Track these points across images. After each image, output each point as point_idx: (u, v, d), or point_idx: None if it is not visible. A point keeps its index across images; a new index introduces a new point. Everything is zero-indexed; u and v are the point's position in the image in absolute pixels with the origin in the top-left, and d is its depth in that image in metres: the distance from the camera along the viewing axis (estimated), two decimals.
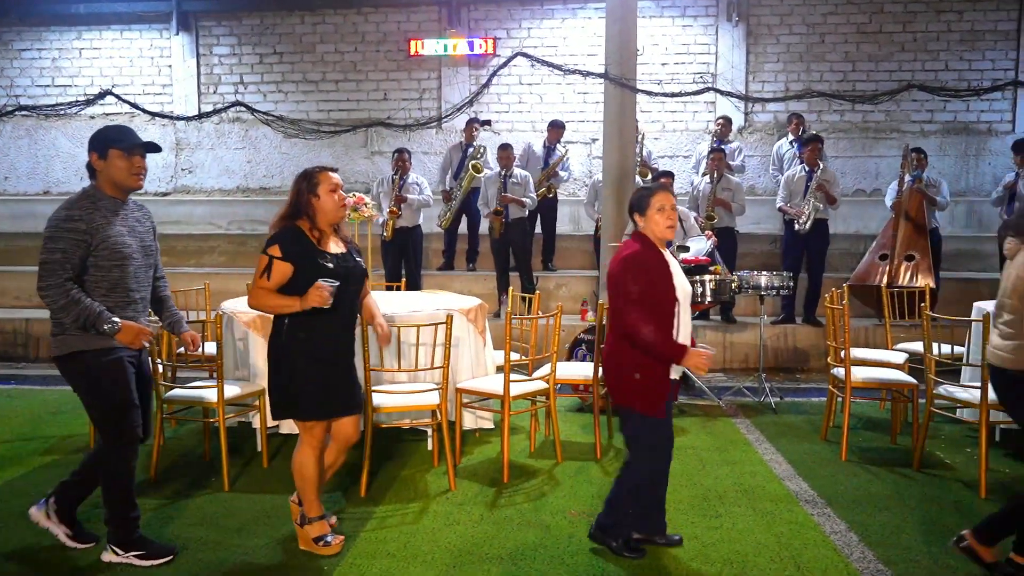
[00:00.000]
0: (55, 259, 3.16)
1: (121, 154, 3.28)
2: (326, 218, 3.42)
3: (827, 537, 3.71)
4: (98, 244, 3.21)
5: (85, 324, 3.20)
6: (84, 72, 11.19)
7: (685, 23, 10.45)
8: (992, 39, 10.14)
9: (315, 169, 3.49)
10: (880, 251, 7.97)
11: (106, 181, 3.31)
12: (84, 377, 3.30)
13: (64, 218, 3.19)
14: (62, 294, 3.16)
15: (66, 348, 3.27)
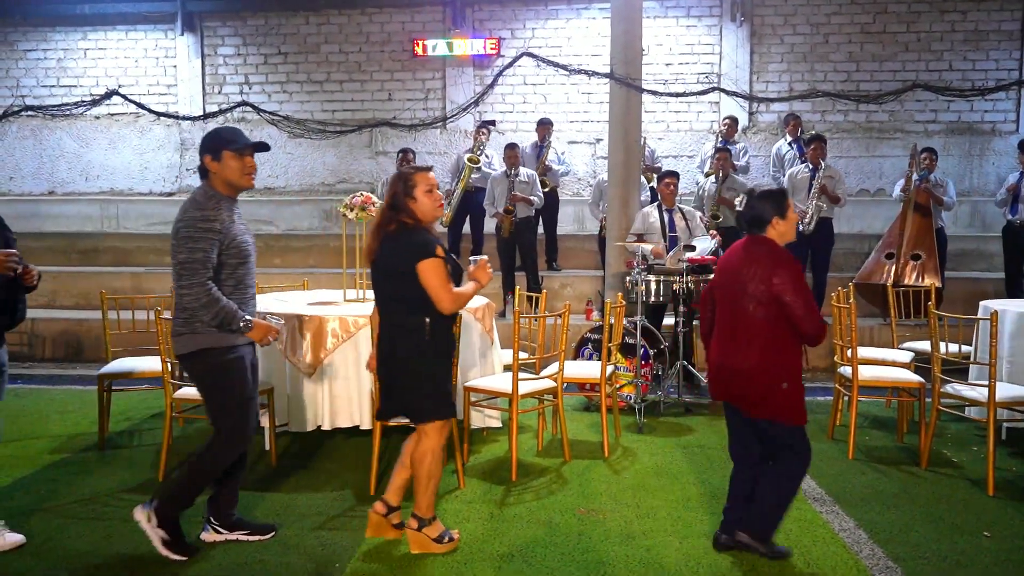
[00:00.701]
0: (197, 258, 3.24)
1: (234, 155, 3.36)
2: (425, 218, 3.42)
3: (836, 534, 3.73)
4: (228, 243, 3.31)
5: (223, 322, 3.29)
6: (89, 72, 11.22)
7: (689, 23, 10.46)
8: (996, 39, 10.15)
9: (410, 170, 3.48)
10: (886, 250, 7.98)
11: (220, 182, 3.38)
12: (211, 374, 3.38)
13: (200, 218, 3.27)
14: (204, 292, 3.24)
15: (193, 345, 3.34)
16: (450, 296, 3.35)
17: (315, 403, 4.75)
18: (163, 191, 11.23)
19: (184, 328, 3.35)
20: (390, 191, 3.48)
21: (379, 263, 3.45)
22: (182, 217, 3.31)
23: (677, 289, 6.02)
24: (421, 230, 3.41)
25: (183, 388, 4.50)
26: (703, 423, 5.66)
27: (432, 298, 3.33)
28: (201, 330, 3.31)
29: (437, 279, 3.32)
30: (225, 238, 3.30)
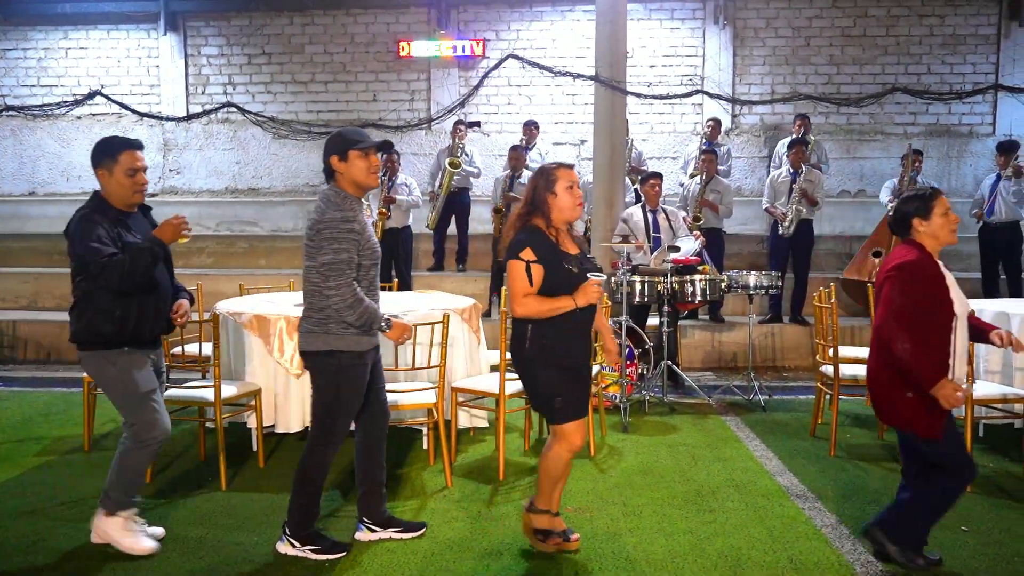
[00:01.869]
0: (343, 259, 3.24)
1: (360, 154, 3.34)
2: (562, 216, 3.36)
3: (819, 530, 3.79)
4: (364, 244, 3.32)
5: (367, 322, 3.29)
6: (71, 72, 11.14)
7: (673, 26, 10.55)
8: (973, 43, 10.32)
9: (552, 166, 3.42)
10: (874, 247, 8.08)
11: (347, 182, 3.36)
12: (333, 375, 3.36)
13: (342, 219, 3.26)
14: (351, 293, 3.25)
15: (324, 345, 3.33)
16: (520, 302, 3.27)
17: (302, 404, 4.75)
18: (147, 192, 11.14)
19: (317, 327, 3.34)
20: (530, 186, 3.41)
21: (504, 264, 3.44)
22: (320, 218, 3.28)
23: (661, 290, 6.07)
24: (532, 230, 3.32)
25: (168, 390, 4.50)
26: (687, 422, 5.72)
27: (509, 298, 3.32)
28: (335, 331, 3.31)
29: (514, 281, 3.27)
30: (361, 238, 3.29)
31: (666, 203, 7.08)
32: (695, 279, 6.06)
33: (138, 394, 3.42)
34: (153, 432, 3.44)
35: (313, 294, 3.34)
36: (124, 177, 3.41)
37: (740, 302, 8.18)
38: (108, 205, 3.42)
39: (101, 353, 3.40)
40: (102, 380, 3.47)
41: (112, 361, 3.41)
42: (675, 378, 6.45)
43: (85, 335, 3.40)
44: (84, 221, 3.34)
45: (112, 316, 3.35)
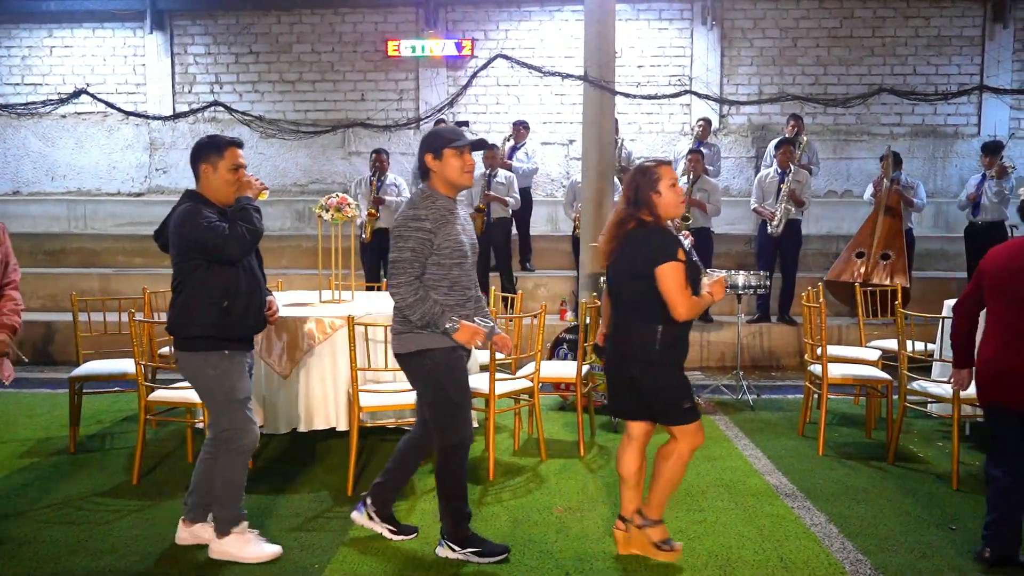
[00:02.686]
0: (405, 257, 3.21)
1: (455, 153, 3.30)
2: (667, 213, 3.29)
3: (808, 529, 3.81)
4: (440, 243, 3.25)
5: (428, 322, 3.24)
6: (55, 70, 11.04)
7: (661, 26, 10.58)
8: (958, 44, 10.40)
9: (652, 164, 3.34)
10: (857, 248, 8.13)
11: (441, 181, 3.33)
12: (430, 374, 3.33)
13: (411, 217, 3.24)
14: (412, 291, 3.21)
15: (412, 346, 3.31)
16: (687, 303, 3.19)
17: (291, 405, 4.73)
18: (132, 191, 11.09)
19: (403, 327, 3.32)
20: (629, 185, 3.33)
21: (616, 264, 3.34)
22: (397, 216, 3.30)
23: None
24: (661, 229, 3.26)
25: (157, 391, 4.47)
26: None
27: (668, 303, 3.19)
28: (417, 330, 3.28)
29: (675, 284, 3.17)
30: (436, 238, 3.23)
31: None
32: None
33: (235, 400, 3.41)
34: (246, 439, 3.42)
35: None
36: (228, 172, 3.40)
37: (728, 302, 8.20)
38: (206, 201, 3.41)
39: (201, 355, 3.38)
40: (199, 382, 3.45)
41: (212, 364, 3.38)
42: None
43: (187, 328, 3.36)
44: (188, 212, 3.33)
45: (220, 306, 3.33)
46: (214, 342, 3.36)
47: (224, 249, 3.28)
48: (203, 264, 3.34)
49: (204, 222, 3.28)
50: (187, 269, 3.36)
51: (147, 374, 4.60)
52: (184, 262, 3.37)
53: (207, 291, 3.34)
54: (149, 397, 4.41)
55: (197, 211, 3.33)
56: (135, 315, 4.38)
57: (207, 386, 3.43)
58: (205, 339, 3.35)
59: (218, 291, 3.34)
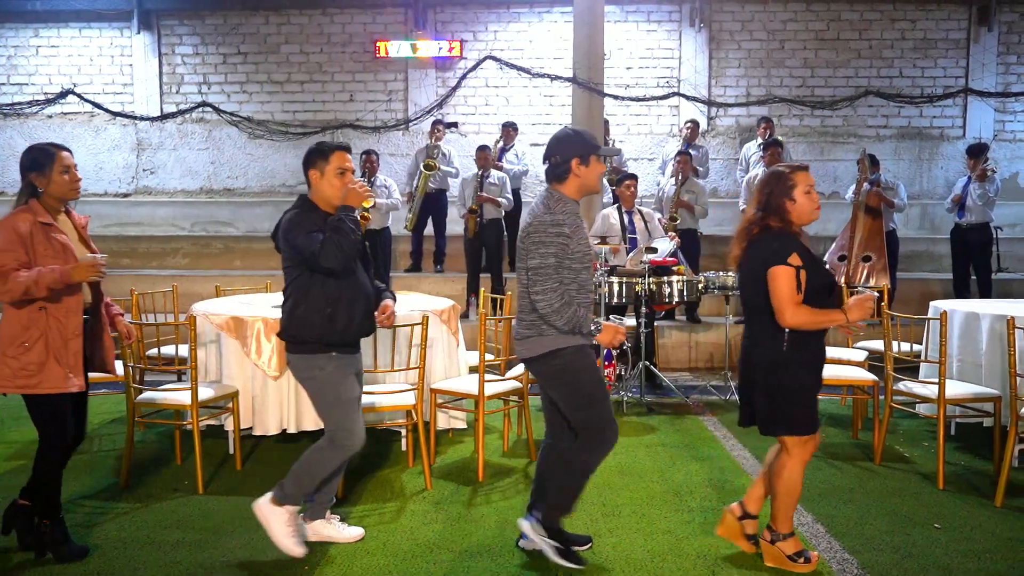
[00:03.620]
0: (549, 264, 3.20)
1: (598, 160, 3.30)
2: (801, 220, 3.23)
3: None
4: (574, 248, 3.25)
5: (575, 326, 3.23)
6: (41, 70, 10.98)
7: (650, 28, 10.62)
8: (944, 47, 10.50)
9: (786, 169, 3.28)
10: (839, 252, 8.20)
11: (578, 186, 3.31)
12: (565, 372, 3.31)
13: (551, 223, 3.21)
14: (558, 297, 3.19)
15: (543, 348, 3.29)
16: (794, 310, 3.11)
17: (280, 406, 4.72)
18: (119, 192, 11.03)
19: (531, 331, 3.31)
20: (763, 190, 3.27)
21: (742, 267, 3.32)
22: (532, 221, 3.27)
23: (639, 291, 6.11)
24: (784, 235, 3.19)
25: (145, 393, 4.45)
26: (665, 422, 5.76)
27: (775, 308, 3.15)
28: (548, 333, 3.27)
29: (783, 288, 3.12)
30: (572, 242, 3.23)
31: (642, 204, 7.13)
32: (672, 280, 6.10)
33: (341, 401, 3.43)
34: (351, 439, 3.43)
35: (524, 296, 3.32)
36: (335, 177, 3.40)
37: (717, 302, 8.25)
38: (315, 207, 3.44)
39: (310, 357, 3.41)
40: (309, 384, 3.47)
41: (320, 366, 3.40)
42: (653, 379, 6.49)
43: (297, 333, 3.40)
44: (293, 219, 3.38)
45: (324, 314, 3.36)
46: (322, 346, 3.39)
47: (318, 260, 3.27)
48: (306, 272, 3.37)
49: (301, 232, 3.31)
50: (293, 275, 3.42)
51: (135, 376, 4.58)
52: (291, 268, 3.43)
53: (312, 298, 3.37)
54: (137, 399, 4.39)
55: (301, 219, 3.36)
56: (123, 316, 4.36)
57: (316, 387, 3.45)
58: (313, 343, 3.38)
59: (321, 299, 3.36)
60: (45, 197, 3.41)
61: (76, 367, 3.37)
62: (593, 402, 3.34)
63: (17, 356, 3.29)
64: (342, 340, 3.44)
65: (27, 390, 3.32)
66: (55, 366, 3.31)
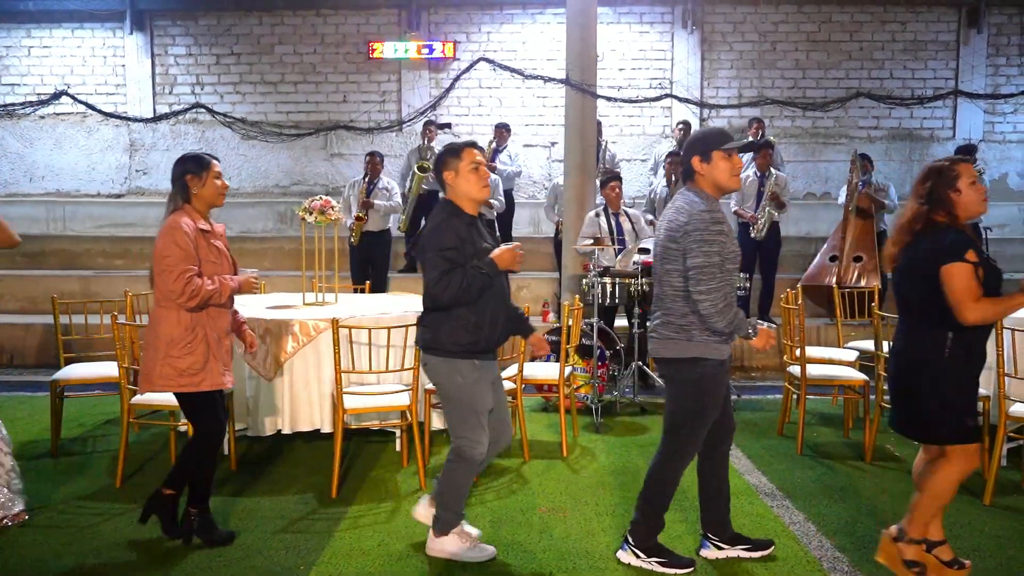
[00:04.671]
0: (713, 262, 3.11)
1: (724, 155, 3.22)
2: (968, 213, 3.09)
3: (787, 528, 3.87)
4: (729, 247, 3.17)
5: (736, 328, 3.17)
6: (33, 71, 10.94)
7: (642, 29, 10.66)
8: (934, 49, 10.57)
9: (948, 162, 3.14)
10: (830, 252, 8.25)
11: (708, 183, 3.25)
12: (696, 383, 3.26)
13: (711, 220, 3.13)
14: (721, 298, 3.12)
15: (686, 352, 3.23)
16: (973, 306, 2.95)
17: (275, 407, 4.75)
18: (112, 192, 11.01)
19: (678, 334, 3.23)
20: (923, 184, 3.12)
21: (903, 266, 3.16)
22: (688, 220, 3.15)
23: (632, 291, 6.14)
24: (952, 229, 3.06)
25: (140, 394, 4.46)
26: (658, 422, 5.75)
27: (953, 307, 2.97)
28: (698, 338, 3.20)
29: (961, 285, 2.95)
30: (728, 241, 3.16)
31: (634, 205, 7.16)
32: None
33: (475, 410, 3.38)
34: (477, 450, 3.39)
35: (674, 299, 3.23)
36: (470, 173, 3.36)
37: None
38: (459, 210, 3.38)
39: (453, 361, 3.34)
40: (446, 388, 3.41)
41: (462, 372, 3.34)
42: (645, 378, 6.52)
43: (441, 343, 3.34)
44: (438, 229, 3.30)
45: (469, 325, 3.30)
46: (466, 353, 3.34)
47: (436, 287, 3.23)
48: None
49: (439, 250, 3.24)
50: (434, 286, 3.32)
51: (130, 377, 4.58)
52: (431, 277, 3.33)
53: (457, 310, 3.30)
54: (132, 400, 4.40)
55: (446, 230, 3.28)
56: (118, 318, 4.37)
57: (455, 394, 3.39)
58: (461, 347, 3.33)
59: (466, 310, 3.30)
60: (195, 201, 3.50)
61: (228, 363, 3.55)
62: (699, 419, 3.29)
63: (182, 356, 3.41)
64: (485, 348, 3.39)
65: (189, 388, 3.45)
66: (215, 364, 3.45)
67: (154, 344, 3.45)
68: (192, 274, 3.37)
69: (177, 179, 3.49)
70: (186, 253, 3.38)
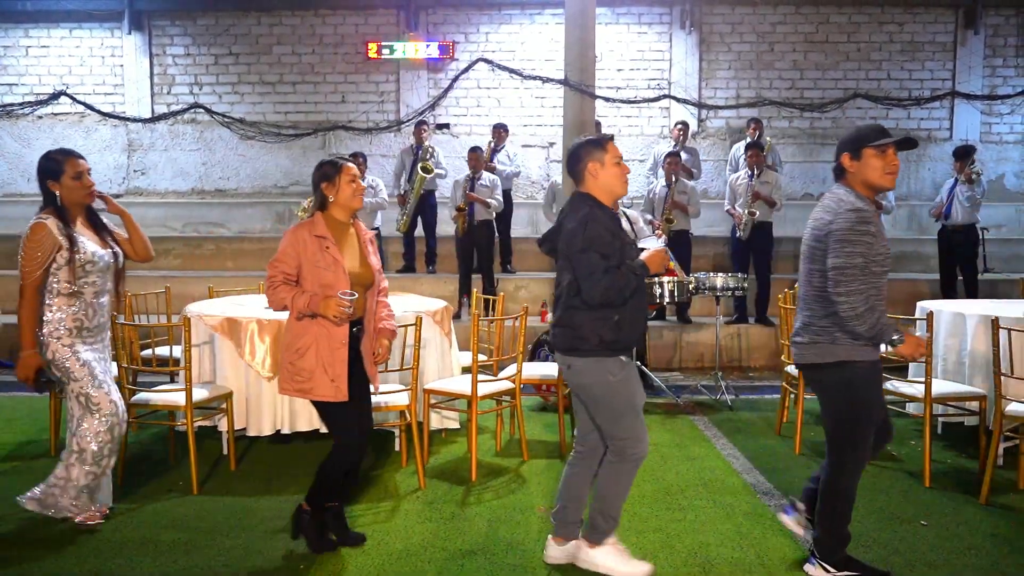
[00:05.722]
0: (855, 264, 3.01)
1: (876, 152, 3.12)
2: None
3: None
4: (878, 250, 3.07)
5: (878, 334, 3.05)
6: (31, 71, 10.94)
7: (640, 30, 10.68)
8: (931, 50, 10.60)
9: None
10: None
11: (859, 182, 3.14)
12: (846, 387, 3.15)
13: (857, 220, 3.03)
14: (863, 301, 3.01)
15: (832, 356, 3.13)
16: None
17: (274, 407, 4.75)
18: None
19: (822, 337, 3.13)
20: None
21: None
22: (833, 219, 3.07)
23: None
24: None
25: (139, 393, 4.47)
26: (656, 422, 5.80)
27: None
28: (842, 341, 3.10)
29: None
30: (876, 242, 3.05)
31: (632, 205, 7.17)
32: (663, 280, 6.14)
33: (632, 406, 3.26)
34: (640, 447, 3.26)
35: (817, 300, 3.15)
36: (615, 166, 3.25)
37: (707, 303, 8.30)
38: (602, 204, 3.26)
39: (601, 360, 3.20)
40: (596, 390, 3.25)
41: (612, 371, 3.21)
42: (644, 378, 6.53)
43: (579, 344, 3.20)
44: (587, 225, 3.14)
45: (611, 322, 3.17)
46: (610, 351, 3.21)
47: (586, 286, 3.12)
48: None
49: (593, 250, 3.10)
50: (574, 285, 3.19)
51: (129, 377, 4.59)
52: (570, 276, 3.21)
53: (602, 310, 3.17)
54: (131, 400, 4.40)
55: (597, 229, 3.13)
56: (117, 317, 4.38)
57: (607, 393, 3.23)
58: (607, 345, 3.20)
59: (611, 309, 3.17)
60: (332, 207, 3.47)
61: (341, 376, 3.43)
62: (860, 423, 3.17)
63: (293, 362, 3.43)
64: (626, 346, 3.25)
65: (303, 395, 3.47)
66: (322, 375, 3.40)
67: (283, 347, 3.52)
68: (279, 281, 3.40)
69: (315, 187, 3.48)
70: (284, 260, 3.42)
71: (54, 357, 3.66)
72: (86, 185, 3.70)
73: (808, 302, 3.20)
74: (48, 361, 3.66)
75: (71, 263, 3.64)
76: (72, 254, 3.64)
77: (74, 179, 3.69)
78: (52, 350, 3.66)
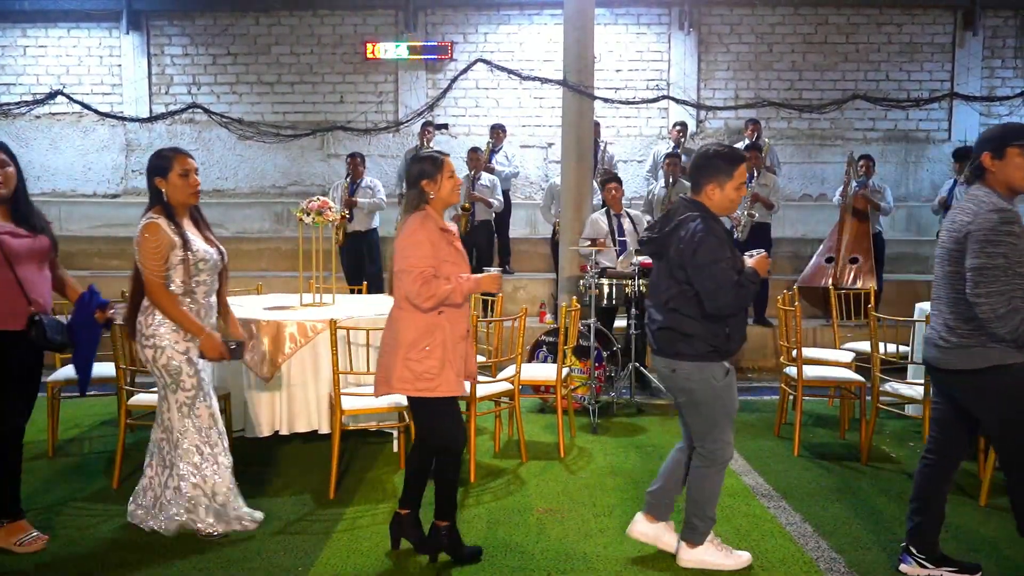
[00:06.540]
0: (997, 264, 2.93)
1: (1021, 152, 3.03)
2: None
3: (783, 528, 3.88)
4: (1022, 251, 2.98)
5: (1019, 336, 2.96)
6: (29, 70, 10.92)
7: (639, 31, 10.68)
8: (929, 51, 10.60)
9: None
10: (827, 254, 8.28)
11: (999, 182, 3.07)
12: (1007, 391, 3.06)
13: (999, 220, 2.96)
14: (1004, 302, 2.93)
15: (983, 361, 3.04)
16: None
17: (272, 408, 4.74)
18: (108, 193, 10.99)
19: (972, 340, 3.05)
20: None
21: None
22: (972, 219, 3.00)
23: (629, 292, 6.15)
24: None
25: (137, 395, 4.46)
26: (655, 423, 5.80)
27: None
28: (994, 344, 3.01)
29: None
30: (1021, 243, 2.95)
31: (631, 206, 7.17)
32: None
33: (727, 413, 3.31)
34: (728, 451, 3.35)
35: (958, 303, 3.07)
36: (734, 191, 3.23)
37: None
38: (714, 215, 3.25)
39: (707, 365, 3.24)
40: (699, 394, 3.29)
41: (715, 375, 3.26)
42: (642, 379, 6.53)
43: (693, 348, 3.24)
44: (707, 238, 3.14)
45: (723, 331, 3.23)
46: (716, 356, 3.26)
47: (713, 298, 3.14)
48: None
49: (716, 263, 3.11)
50: (684, 288, 3.21)
51: (126, 378, 4.58)
52: (682, 281, 3.21)
53: (712, 320, 3.21)
54: (129, 401, 4.40)
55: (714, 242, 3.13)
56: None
57: (710, 397, 3.28)
58: (713, 351, 3.25)
59: (721, 320, 3.21)
60: (434, 202, 3.43)
61: (462, 370, 3.44)
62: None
63: (420, 360, 3.34)
64: (728, 353, 3.30)
65: (427, 393, 3.37)
66: (449, 370, 3.37)
67: (393, 347, 3.38)
68: (430, 275, 3.30)
69: (413, 183, 3.40)
70: (426, 254, 3.31)
71: (168, 362, 3.59)
72: (192, 184, 3.62)
73: (951, 305, 3.12)
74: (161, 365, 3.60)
75: (185, 262, 3.58)
76: (186, 253, 3.58)
77: (181, 176, 3.61)
78: (168, 356, 3.58)
